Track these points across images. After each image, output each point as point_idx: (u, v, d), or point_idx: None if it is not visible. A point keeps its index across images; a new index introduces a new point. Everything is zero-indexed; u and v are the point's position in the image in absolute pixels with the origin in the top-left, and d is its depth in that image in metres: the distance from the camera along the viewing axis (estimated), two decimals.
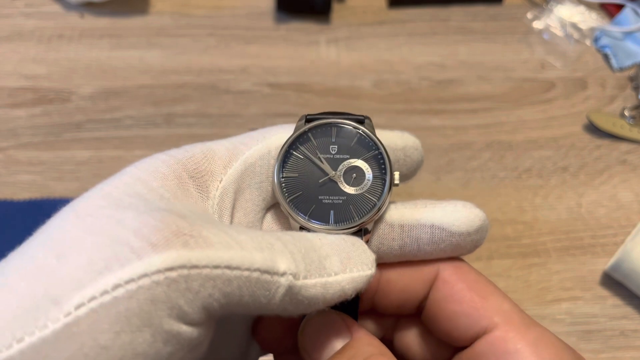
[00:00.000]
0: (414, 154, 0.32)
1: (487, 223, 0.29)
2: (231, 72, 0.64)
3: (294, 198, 0.28)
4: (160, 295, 0.20)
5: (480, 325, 0.27)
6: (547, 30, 0.70)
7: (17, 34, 0.66)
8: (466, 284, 0.29)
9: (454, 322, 0.28)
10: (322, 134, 0.29)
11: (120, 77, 0.63)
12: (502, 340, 0.27)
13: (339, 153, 0.29)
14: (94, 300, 0.20)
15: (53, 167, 0.56)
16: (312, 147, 0.29)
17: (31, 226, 0.33)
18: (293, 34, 0.68)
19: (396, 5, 0.72)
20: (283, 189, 0.28)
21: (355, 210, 0.28)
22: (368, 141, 0.30)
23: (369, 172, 0.29)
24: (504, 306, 0.28)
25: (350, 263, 0.25)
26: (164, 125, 0.60)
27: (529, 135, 0.61)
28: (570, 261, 0.53)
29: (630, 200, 0.57)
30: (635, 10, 0.70)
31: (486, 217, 0.29)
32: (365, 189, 0.28)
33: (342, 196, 0.28)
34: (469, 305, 0.28)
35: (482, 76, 0.66)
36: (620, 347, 0.49)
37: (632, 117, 0.62)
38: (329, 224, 0.28)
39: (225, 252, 0.22)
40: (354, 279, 0.25)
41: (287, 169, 0.28)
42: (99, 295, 0.20)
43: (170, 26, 0.68)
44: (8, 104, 0.61)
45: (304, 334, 0.27)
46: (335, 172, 0.29)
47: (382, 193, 0.28)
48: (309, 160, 0.29)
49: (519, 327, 0.27)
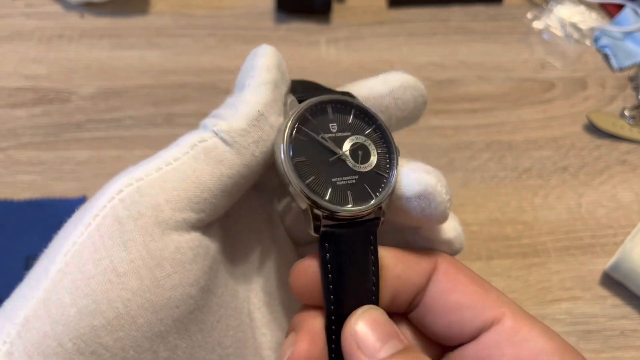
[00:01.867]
0: (406, 94, 0.30)
1: (436, 190, 0.27)
2: (231, 72, 0.64)
3: (308, 183, 0.26)
4: (121, 212, 0.24)
5: (486, 315, 0.27)
6: (547, 30, 0.70)
7: (17, 34, 0.67)
8: (467, 277, 0.28)
9: (457, 314, 0.27)
10: (319, 113, 0.28)
11: (120, 77, 0.63)
12: (514, 329, 0.26)
13: (339, 131, 0.28)
14: (75, 244, 0.24)
15: (53, 167, 0.57)
16: (313, 127, 0.28)
17: (31, 226, 0.34)
18: (293, 34, 0.68)
19: (396, 5, 0.72)
20: (299, 173, 0.26)
21: (371, 189, 0.27)
22: (364, 115, 0.29)
23: (373, 147, 0.28)
24: (505, 298, 0.28)
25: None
26: (164, 125, 0.60)
27: (529, 135, 0.61)
28: (570, 261, 0.53)
29: (630, 200, 0.57)
30: (635, 10, 0.70)
31: (433, 183, 0.27)
32: (373, 165, 0.27)
33: (354, 175, 0.27)
34: (474, 296, 0.27)
35: (482, 76, 0.66)
36: (620, 347, 0.49)
37: (632, 117, 0.62)
38: (352, 205, 0.27)
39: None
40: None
41: (295, 153, 0.27)
42: (77, 237, 0.24)
43: (170, 26, 0.68)
44: (8, 104, 0.61)
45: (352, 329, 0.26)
46: (342, 150, 0.27)
47: (391, 168, 0.27)
48: (314, 141, 0.27)
49: (525, 317, 0.27)
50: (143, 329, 0.23)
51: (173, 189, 0.25)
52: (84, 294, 0.23)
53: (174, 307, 0.24)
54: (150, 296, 0.24)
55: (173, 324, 0.24)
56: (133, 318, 0.23)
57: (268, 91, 0.28)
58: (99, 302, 0.23)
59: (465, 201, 0.56)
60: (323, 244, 0.27)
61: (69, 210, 0.57)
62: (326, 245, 0.27)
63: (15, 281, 0.24)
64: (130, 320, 0.23)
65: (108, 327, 0.23)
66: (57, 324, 0.22)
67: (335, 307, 0.27)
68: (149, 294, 0.23)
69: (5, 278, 0.48)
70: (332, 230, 0.27)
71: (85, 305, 0.23)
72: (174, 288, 0.24)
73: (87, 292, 0.23)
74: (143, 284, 0.23)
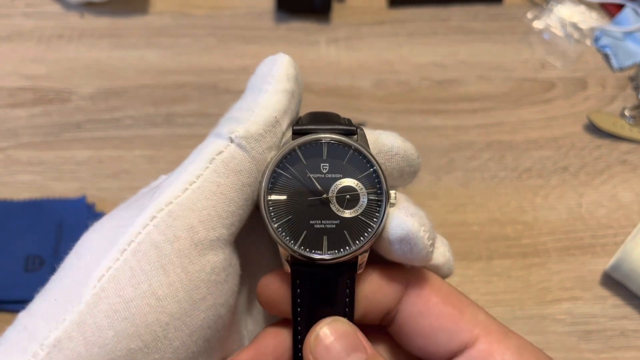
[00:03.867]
0: (392, 161, 0.28)
1: (417, 236, 0.26)
2: (231, 72, 0.64)
3: (283, 223, 0.26)
4: (157, 237, 0.24)
5: (460, 339, 0.26)
6: (547, 30, 0.70)
7: (17, 34, 0.66)
8: (440, 297, 0.27)
9: (432, 338, 0.27)
10: (312, 151, 0.27)
11: (120, 77, 0.63)
12: (487, 352, 0.26)
13: (330, 172, 0.27)
14: (110, 269, 0.24)
15: (53, 167, 0.56)
16: (301, 166, 0.26)
17: (31, 226, 0.34)
18: (293, 34, 0.68)
19: (396, 5, 0.72)
20: (270, 213, 0.26)
21: (350, 236, 0.26)
22: (361, 158, 0.27)
23: (364, 192, 0.26)
24: (480, 317, 0.27)
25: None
26: (164, 125, 0.59)
27: (529, 135, 0.61)
28: (570, 261, 0.53)
29: (630, 200, 0.57)
30: (635, 10, 0.70)
31: (415, 228, 0.26)
32: (360, 212, 0.26)
33: (335, 220, 0.26)
34: (448, 319, 0.27)
35: (482, 76, 0.66)
36: (620, 347, 0.49)
37: (633, 117, 0.62)
38: (323, 251, 0.26)
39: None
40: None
41: (275, 191, 0.26)
42: (112, 263, 0.24)
43: (170, 26, 0.68)
44: (8, 104, 0.61)
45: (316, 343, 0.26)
46: (327, 193, 0.26)
47: (380, 216, 0.26)
48: (299, 181, 0.26)
49: (499, 336, 0.27)
50: (178, 351, 0.24)
51: (203, 208, 0.25)
52: (123, 317, 0.23)
53: (207, 327, 0.25)
54: (187, 319, 0.24)
55: (204, 344, 0.25)
56: (170, 341, 0.24)
57: (285, 100, 0.28)
58: (138, 326, 0.23)
59: (465, 201, 0.56)
60: (295, 280, 0.27)
61: (68, 210, 0.57)
62: (297, 281, 0.27)
63: (15, 281, 0.24)
64: (167, 344, 0.24)
65: (145, 349, 0.23)
66: (93, 346, 0.22)
67: (304, 332, 0.27)
68: (186, 316, 0.24)
69: (5, 278, 0.48)
70: (303, 269, 0.26)
71: (124, 329, 0.23)
72: (207, 309, 0.25)
73: (126, 316, 0.23)
74: (181, 307, 0.24)
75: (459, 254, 0.52)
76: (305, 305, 0.27)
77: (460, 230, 0.54)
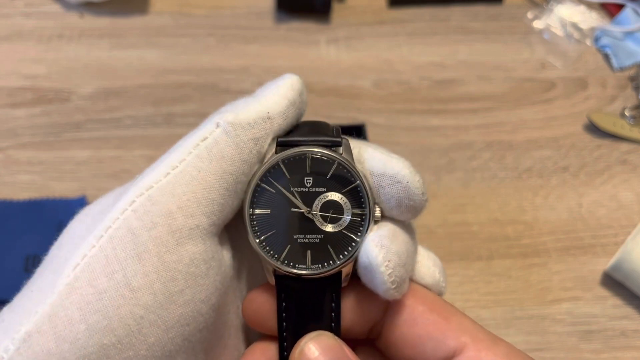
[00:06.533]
0: (392, 188, 0.27)
1: (379, 270, 0.25)
2: (231, 72, 0.64)
3: (266, 237, 0.26)
4: (134, 223, 0.24)
5: (448, 346, 0.26)
6: (548, 30, 0.70)
7: (17, 33, 0.66)
8: (426, 305, 0.27)
9: (419, 347, 0.27)
10: (296, 165, 0.26)
11: (120, 77, 0.63)
12: (476, 359, 0.26)
13: (314, 186, 0.26)
14: (85, 257, 0.23)
15: (53, 167, 0.56)
16: (285, 180, 0.26)
17: (31, 226, 0.34)
18: (293, 34, 0.68)
19: (396, 5, 0.72)
20: (254, 227, 0.26)
21: (334, 251, 0.26)
22: (346, 172, 0.26)
23: (348, 207, 0.26)
24: (467, 324, 0.27)
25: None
26: (164, 125, 0.59)
27: (529, 135, 0.61)
28: (570, 261, 0.53)
29: (630, 200, 0.57)
30: (635, 10, 0.70)
31: (378, 261, 0.25)
32: (343, 226, 0.26)
33: (319, 234, 0.26)
34: (434, 327, 0.27)
35: (482, 76, 0.66)
36: (620, 347, 0.49)
37: (633, 117, 0.62)
38: (307, 265, 0.26)
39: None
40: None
41: (259, 205, 0.26)
42: (88, 250, 0.23)
43: (170, 26, 0.68)
44: (8, 104, 0.61)
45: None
46: (311, 208, 0.26)
47: (364, 231, 0.26)
48: (282, 195, 0.26)
49: (488, 344, 0.26)
50: (154, 348, 0.23)
51: (183, 193, 0.24)
52: (95, 309, 0.22)
53: (185, 324, 0.24)
54: (163, 313, 0.23)
55: (182, 343, 0.24)
56: (145, 336, 0.22)
57: (283, 103, 0.28)
58: (111, 319, 0.22)
59: (465, 201, 0.56)
60: (280, 294, 0.27)
61: (68, 210, 0.57)
62: (282, 295, 0.27)
63: (15, 281, 0.24)
64: (141, 339, 0.22)
65: (118, 345, 0.22)
66: (64, 342, 0.21)
67: (289, 348, 0.27)
68: (162, 310, 0.23)
69: (5, 278, 0.48)
70: (288, 282, 0.26)
71: (96, 322, 0.22)
72: (185, 304, 0.24)
73: (99, 308, 0.22)
74: (156, 300, 0.23)
75: (459, 254, 0.52)
76: (291, 319, 0.27)
77: (460, 230, 0.54)
